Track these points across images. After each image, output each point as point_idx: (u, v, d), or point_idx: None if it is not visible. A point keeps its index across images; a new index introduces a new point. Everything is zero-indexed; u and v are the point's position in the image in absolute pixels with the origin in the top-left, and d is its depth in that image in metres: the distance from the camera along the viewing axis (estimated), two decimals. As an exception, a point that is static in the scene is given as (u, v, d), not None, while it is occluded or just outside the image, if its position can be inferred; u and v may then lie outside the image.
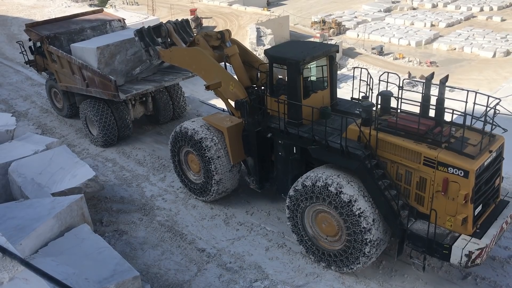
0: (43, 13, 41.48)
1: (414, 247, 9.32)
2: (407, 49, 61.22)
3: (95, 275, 8.37)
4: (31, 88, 23.18)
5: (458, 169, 8.56)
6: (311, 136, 10.22)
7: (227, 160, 12.12)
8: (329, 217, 9.87)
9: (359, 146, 9.59)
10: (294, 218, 10.48)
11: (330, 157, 10.01)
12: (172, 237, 11.86)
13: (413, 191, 9.47)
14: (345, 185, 9.38)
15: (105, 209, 13.09)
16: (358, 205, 9.22)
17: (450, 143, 9.03)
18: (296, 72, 10.47)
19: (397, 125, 9.40)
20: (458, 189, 8.65)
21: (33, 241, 8.90)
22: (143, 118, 17.96)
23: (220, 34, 12.51)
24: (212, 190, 12.43)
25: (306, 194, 9.90)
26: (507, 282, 9.84)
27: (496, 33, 63.38)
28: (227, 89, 12.12)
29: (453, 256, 8.71)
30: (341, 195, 9.28)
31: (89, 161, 15.41)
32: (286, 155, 11.18)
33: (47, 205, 9.96)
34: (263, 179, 12.18)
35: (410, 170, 9.34)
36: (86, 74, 15.74)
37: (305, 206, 10.10)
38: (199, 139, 12.03)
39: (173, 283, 10.38)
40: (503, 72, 49.56)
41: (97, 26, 18.32)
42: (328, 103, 11.51)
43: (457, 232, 9.00)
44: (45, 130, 18.51)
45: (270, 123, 11.32)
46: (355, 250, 9.56)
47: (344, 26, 69.72)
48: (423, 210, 9.36)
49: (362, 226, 9.22)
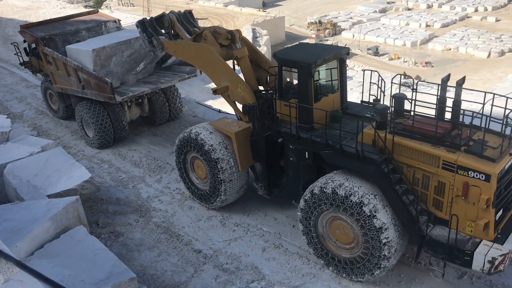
0: (38, 15, 41.39)
1: (434, 253, 9.01)
2: (403, 50, 61.41)
3: (91, 277, 8.34)
4: (26, 90, 23.12)
5: (479, 173, 8.29)
6: (324, 140, 9.96)
7: (236, 169, 11.80)
8: (345, 225, 9.57)
9: (374, 150, 9.33)
10: (307, 221, 10.15)
11: (344, 162, 9.71)
12: (169, 239, 11.85)
13: (430, 196, 9.22)
14: (371, 198, 9.04)
15: (101, 211, 13.06)
16: (388, 234, 8.93)
17: (469, 146, 8.74)
18: (307, 75, 10.23)
19: (414, 128, 9.15)
20: (479, 194, 8.39)
21: (28, 243, 8.86)
22: (139, 120, 17.95)
23: (231, 35, 12.06)
24: (218, 200, 12.19)
25: (326, 200, 9.51)
26: (502, 281, 9.88)
27: (490, 33, 63.67)
28: (235, 91, 11.78)
29: (475, 262, 8.40)
30: (363, 207, 8.95)
31: (85, 163, 15.38)
32: (297, 160, 10.90)
33: (42, 207, 9.93)
34: (272, 185, 11.89)
35: (427, 175, 9.12)
36: (82, 76, 15.71)
37: (320, 211, 9.78)
38: (201, 139, 11.80)
39: (169, 284, 10.37)
40: (497, 72, 49.78)
41: (93, 27, 18.30)
42: (338, 106, 11.25)
43: (478, 237, 8.71)
44: (41, 132, 18.46)
45: (280, 127, 11.02)
46: (370, 261, 9.35)
47: (339, 27, 69.87)
48: (441, 215, 9.13)
49: (383, 253, 9.03)
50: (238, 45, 12.14)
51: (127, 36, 16.42)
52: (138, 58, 16.38)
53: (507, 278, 9.94)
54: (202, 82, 29.02)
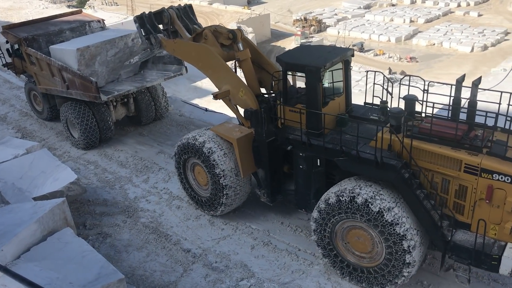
0: (20, 15, 40.91)
1: (459, 259, 8.80)
2: (387, 45, 61.80)
3: (80, 279, 8.29)
4: (10, 91, 22.83)
5: (504, 175, 8.06)
6: (338, 147, 9.57)
7: (238, 176, 11.49)
8: (364, 234, 9.30)
9: (392, 156, 9.04)
10: (322, 232, 9.83)
11: (362, 169, 9.32)
12: (157, 239, 11.81)
13: (451, 200, 9.00)
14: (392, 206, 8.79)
15: (88, 212, 12.96)
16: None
17: (490, 147, 8.51)
18: (316, 79, 9.78)
19: (432, 131, 8.88)
20: (504, 196, 8.18)
21: (15, 247, 8.78)
22: (125, 120, 17.84)
23: (232, 34, 11.56)
24: (219, 208, 11.89)
25: (341, 209, 9.23)
26: (488, 273, 10.00)
27: (473, 28, 64.39)
28: (236, 95, 11.36)
29: (503, 266, 8.22)
30: (397, 227, 8.66)
31: (71, 164, 15.24)
32: (308, 168, 10.48)
33: (28, 210, 9.83)
34: (275, 192, 11.59)
35: (447, 178, 8.89)
36: (66, 76, 15.56)
37: (337, 221, 9.48)
38: (200, 145, 11.51)
39: (159, 284, 10.33)
40: (481, 66, 50.35)
41: (76, 27, 18.13)
42: (344, 109, 10.94)
43: (503, 240, 8.51)
44: (25, 134, 18.25)
45: (288, 134, 10.62)
46: (386, 276, 9.20)
47: (324, 24, 70.06)
48: (462, 219, 8.93)
49: (406, 261, 8.79)
50: (240, 46, 11.61)
51: (112, 35, 16.30)
52: (123, 57, 16.27)
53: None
54: (188, 81, 28.95)
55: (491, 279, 9.88)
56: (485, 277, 9.94)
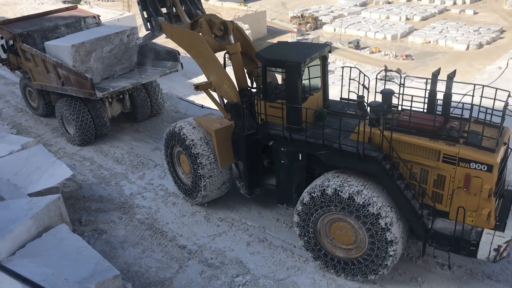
0: (15, 11, 40.66)
1: (439, 246, 9.07)
2: (383, 43, 61.80)
3: (75, 275, 8.30)
4: (5, 87, 22.73)
5: (481, 164, 8.40)
6: (320, 141, 9.74)
7: (217, 166, 11.73)
8: (344, 225, 9.52)
9: (372, 148, 9.27)
10: (306, 234, 10.04)
11: (344, 161, 9.54)
12: (153, 235, 11.82)
13: (430, 189, 9.28)
14: (375, 198, 9.03)
15: (83, 209, 12.95)
16: (387, 219, 8.92)
17: (466, 138, 8.82)
18: (296, 74, 9.94)
19: (410, 123, 9.13)
20: (481, 184, 8.51)
21: (10, 243, 8.77)
22: (120, 116, 17.80)
23: (224, 26, 11.62)
24: (199, 195, 12.15)
25: (316, 205, 9.49)
26: (482, 269, 10.09)
27: (469, 26, 64.44)
28: (221, 86, 11.48)
29: (481, 251, 8.57)
30: (369, 207, 8.92)
31: (66, 160, 15.21)
32: (289, 162, 10.59)
33: (23, 206, 9.82)
34: (253, 185, 11.76)
35: (426, 169, 9.16)
36: (61, 73, 15.50)
37: (316, 218, 9.71)
38: (183, 134, 11.80)
39: (154, 281, 10.35)
40: (476, 64, 50.43)
41: (72, 23, 18.06)
42: (321, 105, 11.15)
43: (479, 226, 8.83)
44: (20, 130, 18.19)
45: (269, 129, 10.74)
46: (375, 260, 9.37)
47: (320, 21, 69.98)
48: (441, 207, 9.21)
49: (388, 239, 9.00)
50: (231, 39, 11.72)
51: (107, 31, 16.25)
52: (118, 53, 16.24)
53: (486, 266, 10.16)
54: (184, 78, 28.88)
55: (485, 276, 9.96)
56: (479, 274, 10.01)
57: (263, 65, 10.55)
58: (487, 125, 9.00)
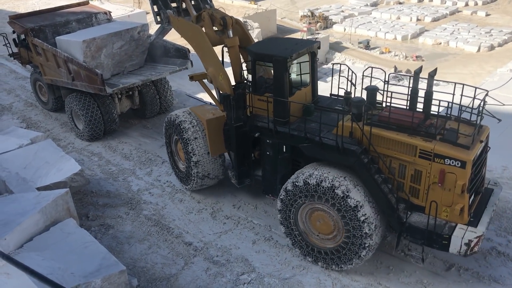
0: (27, 5, 40.93)
1: (413, 239, 9.31)
2: (393, 43, 61.49)
3: (81, 269, 8.35)
4: (15, 82, 22.89)
5: (455, 160, 8.64)
6: (303, 134, 10.08)
7: (208, 155, 12.22)
8: (326, 216, 9.80)
9: (352, 142, 9.55)
10: (286, 212, 10.35)
11: (325, 154, 9.89)
12: (159, 231, 11.86)
13: (407, 184, 9.49)
14: (352, 189, 9.30)
15: (91, 203, 13.02)
16: (364, 211, 9.19)
17: (443, 134, 9.10)
18: (283, 69, 10.32)
19: (390, 119, 9.39)
20: (455, 180, 8.74)
21: (17, 236, 8.84)
22: (129, 112, 17.86)
23: (223, 21, 12.04)
24: (192, 182, 12.61)
25: (307, 192, 9.72)
26: (489, 273, 10.02)
27: (480, 27, 63.95)
28: (217, 78, 11.94)
29: (453, 245, 8.79)
30: (348, 199, 9.20)
31: (75, 155, 15.30)
32: (274, 154, 11.00)
33: (32, 200, 9.89)
34: (243, 175, 12.10)
35: (404, 164, 9.37)
36: (72, 68, 15.58)
37: (302, 203, 9.99)
38: (178, 122, 12.35)
39: (160, 277, 10.39)
40: (487, 66, 50.04)
41: (83, 18, 18.14)
42: (310, 99, 11.45)
43: (453, 222, 9.08)
44: (30, 124, 18.31)
45: (256, 122, 11.13)
46: (350, 251, 9.62)
47: (331, 20, 69.76)
48: (418, 202, 9.42)
49: (365, 231, 9.25)
50: (230, 34, 12.13)
51: (118, 27, 16.31)
52: (129, 50, 16.29)
53: (493, 270, 10.09)
54: (193, 75, 28.91)
55: (492, 280, 9.89)
56: (485, 277, 9.94)
57: (252, 59, 10.97)
58: (466, 123, 9.29)
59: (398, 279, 10.01)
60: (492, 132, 9.83)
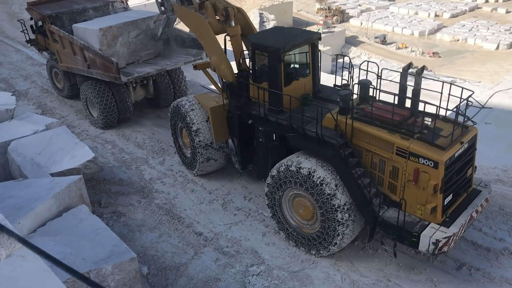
0: (45, -8, 41.06)
1: (385, 234, 9.49)
2: (410, 39, 60.85)
3: (92, 255, 8.42)
4: (32, 68, 23.10)
5: (428, 160, 8.71)
6: (289, 124, 10.34)
7: (212, 141, 12.66)
8: (306, 202, 10.14)
9: (335, 135, 9.74)
10: (272, 196, 10.76)
11: (306, 145, 10.17)
12: (170, 220, 11.93)
13: (386, 180, 9.64)
14: (329, 178, 9.59)
15: (103, 191, 13.13)
16: (339, 199, 9.48)
17: (423, 134, 9.13)
18: (276, 59, 10.50)
19: (372, 114, 9.51)
20: (428, 179, 8.80)
21: (31, 221, 8.94)
22: (143, 101, 17.94)
23: (225, 12, 12.21)
24: (197, 167, 13.04)
25: (289, 178, 10.06)
26: (501, 274, 9.91)
27: (500, 25, 62.95)
28: (220, 67, 12.15)
29: (421, 243, 8.88)
30: (323, 186, 9.49)
31: (89, 143, 15.43)
32: (266, 141, 11.40)
33: (46, 185, 9.98)
34: (246, 161, 12.53)
35: (384, 159, 9.51)
36: (88, 55, 15.67)
37: (285, 188, 10.32)
38: (189, 118, 12.62)
39: (170, 265, 10.46)
40: (505, 64, 49.28)
41: (100, 7, 18.20)
42: (310, 90, 11.55)
43: (427, 220, 9.17)
44: (45, 110, 18.49)
45: (251, 109, 11.47)
46: (327, 238, 9.88)
47: (347, 14, 69.21)
48: (395, 198, 9.50)
49: (338, 219, 9.51)
50: (232, 23, 12.32)
51: (134, 16, 16.35)
52: (144, 39, 16.32)
53: (505, 271, 9.98)
54: (207, 66, 28.91)
55: (503, 280, 9.78)
56: (497, 278, 9.84)
57: (251, 49, 11.16)
58: (453, 123, 9.22)
59: (408, 276, 9.96)
60: (508, 132, 9.71)
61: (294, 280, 9.95)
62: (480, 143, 9.85)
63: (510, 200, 11.99)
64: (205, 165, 13.01)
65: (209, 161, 12.98)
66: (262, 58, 11.12)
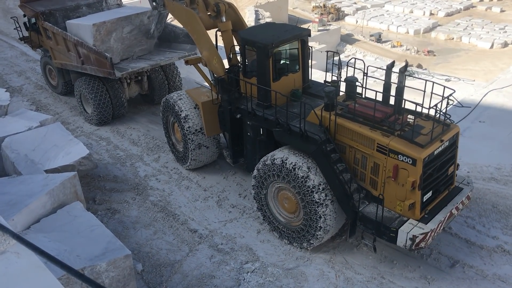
0: (39, -12, 40.80)
1: (365, 228, 9.64)
2: (405, 37, 60.94)
3: (87, 252, 8.40)
4: (26, 64, 22.97)
5: (407, 157, 8.83)
6: (275, 119, 10.48)
7: (203, 135, 12.76)
8: (289, 196, 10.28)
9: (319, 131, 9.85)
10: (258, 189, 10.94)
11: (290, 140, 10.31)
12: (165, 217, 11.91)
13: (368, 176, 9.79)
14: (312, 173, 9.73)
15: (98, 188, 13.09)
16: (320, 193, 9.64)
17: (404, 131, 9.26)
18: (264, 55, 10.60)
19: (356, 111, 9.62)
20: (407, 176, 8.94)
21: (25, 217, 8.90)
22: (138, 98, 17.89)
23: (216, 8, 12.30)
24: (189, 161, 13.15)
25: (274, 172, 10.22)
26: (494, 271, 9.97)
27: (494, 24, 63.15)
28: (212, 62, 12.24)
29: (399, 239, 9.02)
30: (306, 180, 9.64)
31: (83, 139, 15.36)
32: (254, 135, 11.57)
33: (40, 182, 9.95)
34: (237, 154, 12.63)
35: (365, 156, 9.66)
36: (82, 51, 15.60)
37: (270, 181, 10.49)
38: (180, 113, 12.69)
39: (164, 262, 10.45)
40: (499, 63, 49.46)
41: (93, 3, 18.13)
42: (300, 85, 11.65)
43: (405, 216, 9.30)
44: (40, 107, 18.39)
45: (240, 104, 11.62)
46: (308, 231, 10.06)
47: (343, 12, 69.22)
48: (376, 193, 9.64)
49: (319, 213, 9.67)
50: (223, 19, 12.41)
51: (128, 12, 16.28)
52: (138, 34, 16.26)
53: (498, 268, 10.05)
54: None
55: (496, 278, 9.85)
56: (490, 275, 9.90)
57: (242, 44, 11.30)
58: (436, 121, 9.30)
59: (401, 273, 10.00)
60: (502, 131, 9.76)
61: (288, 277, 9.97)
62: (474, 141, 9.93)
63: (504, 198, 12.06)
64: (197, 152, 12.97)
65: (201, 148, 12.99)
66: (252, 53, 11.18)
